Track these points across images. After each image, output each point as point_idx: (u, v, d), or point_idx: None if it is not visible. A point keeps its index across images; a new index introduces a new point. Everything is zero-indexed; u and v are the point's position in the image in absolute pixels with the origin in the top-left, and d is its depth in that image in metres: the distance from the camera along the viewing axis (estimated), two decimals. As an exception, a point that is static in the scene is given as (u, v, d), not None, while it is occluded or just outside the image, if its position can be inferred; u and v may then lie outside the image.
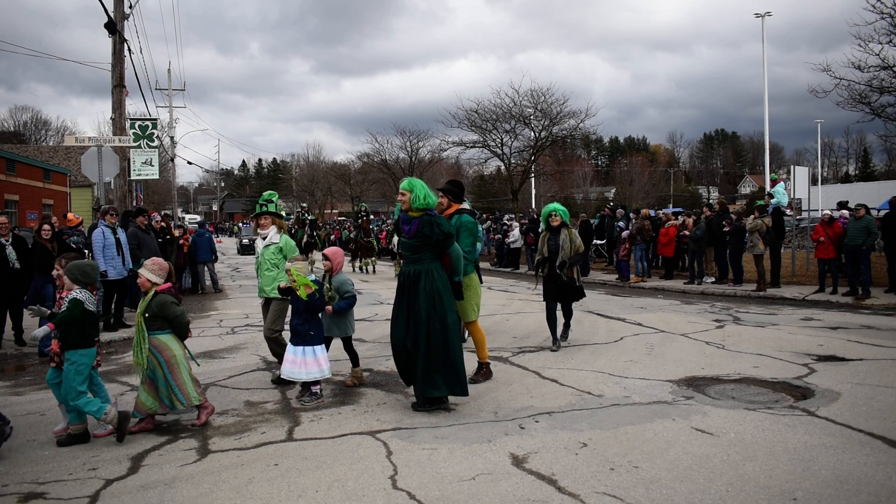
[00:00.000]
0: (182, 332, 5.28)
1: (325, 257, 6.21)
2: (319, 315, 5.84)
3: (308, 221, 21.74)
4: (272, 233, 6.59)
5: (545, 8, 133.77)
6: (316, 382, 5.77)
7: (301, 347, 5.66)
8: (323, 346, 5.79)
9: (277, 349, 6.48)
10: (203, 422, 5.17)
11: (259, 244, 6.67)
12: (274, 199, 6.72)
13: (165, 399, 5.04)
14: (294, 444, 4.72)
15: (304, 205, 26.13)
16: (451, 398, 5.74)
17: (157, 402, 5.06)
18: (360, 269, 21.81)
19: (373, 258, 21.78)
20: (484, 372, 6.42)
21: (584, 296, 8.06)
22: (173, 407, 5.05)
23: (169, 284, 5.24)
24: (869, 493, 3.66)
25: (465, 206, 6.39)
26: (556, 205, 8.17)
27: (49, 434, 4.98)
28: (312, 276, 5.83)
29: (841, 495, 3.63)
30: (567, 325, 8.27)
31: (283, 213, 7.08)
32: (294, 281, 5.62)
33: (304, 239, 20.92)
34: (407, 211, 5.43)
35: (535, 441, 4.63)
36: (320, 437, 4.84)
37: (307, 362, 5.63)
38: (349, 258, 21.86)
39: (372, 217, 28.04)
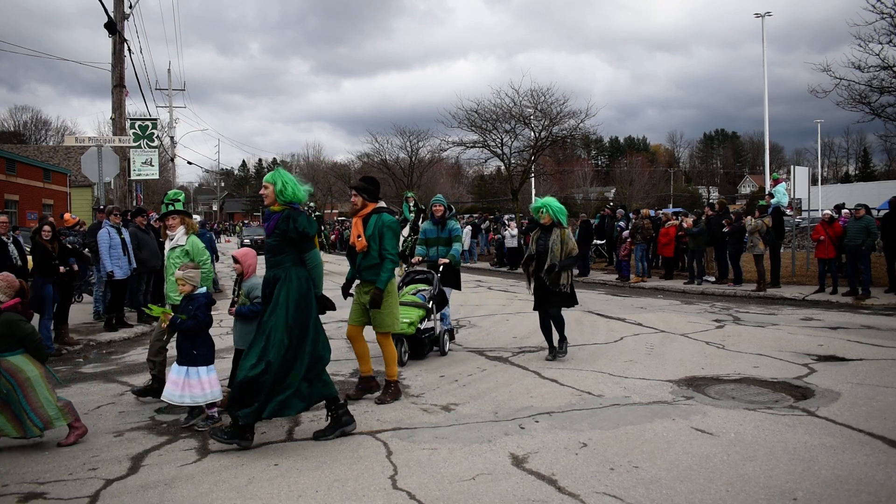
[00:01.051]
0: (37, 351, 4.81)
1: (235, 260, 5.50)
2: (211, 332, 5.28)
3: (315, 219, 21.30)
4: (179, 234, 6.01)
5: (545, 8, 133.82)
6: (212, 405, 5.15)
7: (185, 368, 5.08)
8: (211, 366, 5.19)
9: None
10: (71, 442, 4.73)
11: (167, 246, 6.09)
12: (181, 197, 6.23)
13: (24, 423, 4.64)
14: (294, 444, 4.72)
15: (312, 204, 25.07)
16: (456, 400, 5.74)
17: (14, 426, 4.64)
18: None
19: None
20: (392, 391, 5.74)
21: (577, 303, 7.42)
22: (29, 433, 4.65)
23: (16, 301, 4.85)
24: (869, 493, 3.66)
25: (382, 204, 5.88)
26: (548, 200, 7.37)
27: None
28: (204, 288, 5.37)
29: (841, 495, 3.63)
30: (562, 339, 7.40)
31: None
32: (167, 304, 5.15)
33: None
34: (270, 206, 4.81)
35: (535, 441, 4.63)
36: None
37: (190, 384, 5.04)
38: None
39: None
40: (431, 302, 7.58)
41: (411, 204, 16.27)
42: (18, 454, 4.59)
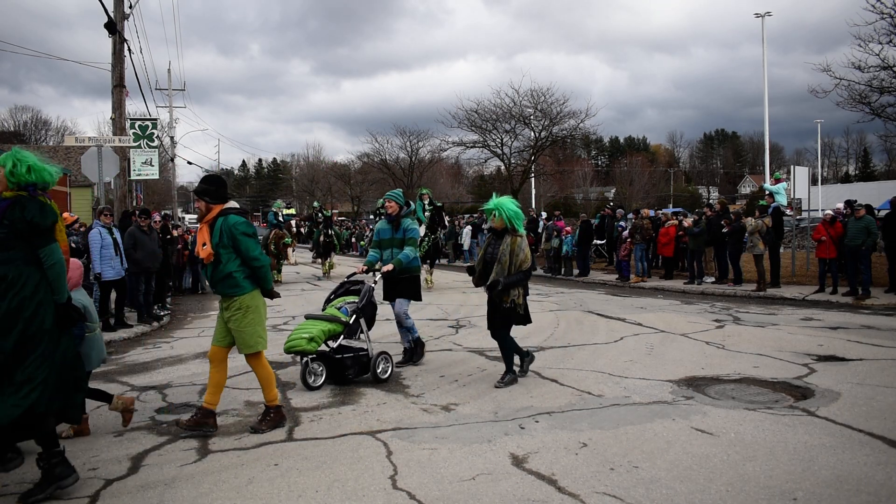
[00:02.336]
0: None
1: None
2: None
3: (323, 219, 20.00)
4: None
5: (544, 9, 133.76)
6: None
7: None
8: None
9: None
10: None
11: None
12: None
13: None
14: (294, 444, 4.72)
15: (317, 204, 23.82)
16: (456, 400, 5.74)
17: None
18: None
19: None
20: (271, 419, 5.05)
21: (530, 322, 6.29)
22: None
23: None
24: (869, 493, 3.66)
25: (232, 204, 5.11)
26: (502, 200, 6.07)
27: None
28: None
29: (841, 495, 3.63)
30: (508, 368, 6.26)
31: (284, 213, 6.74)
32: None
33: (322, 239, 19.55)
34: (2, 192, 3.90)
35: (535, 441, 4.63)
36: (320, 437, 4.84)
37: None
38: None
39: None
40: (355, 316, 6.47)
41: (426, 202, 15.35)
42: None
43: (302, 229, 33.92)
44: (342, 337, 6.40)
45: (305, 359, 6.18)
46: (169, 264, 13.71)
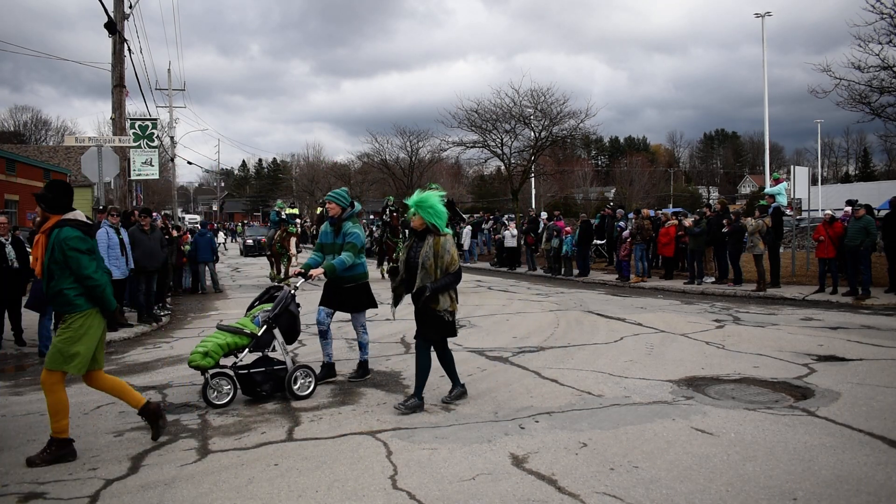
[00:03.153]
0: None
1: None
2: None
3: (387, 216, 17.63)
4: None
5: (543, 10, 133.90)
6: None
7: None
8: None
9: None
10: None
11: None
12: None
13: None
14: (294, 444, 4.72)
15: (391, 198, 19.88)
16: (462, 400, 5.73)
17: None
18: (383, 274, 17.77)
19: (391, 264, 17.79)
20: (50, 452, 4.41)
21: (455, 335, 5.61)
22: None
23: None
24: (869, 493, 3.66)
25: (75, 215, 4.67)
26: (423, 196, 5.44)
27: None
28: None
29: (841, 495, 3.63)
30: (453, 382, 5.74)
31: (288, 212, 6.42)
32: None
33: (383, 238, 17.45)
34: None
35: (535, 441, 4.63)
36: (320, 437, 4.84)
37: None
38: (374, 263, 18.22)
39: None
40: (265, 327, 5.87)
41: None
42: (18, 454, 4.58)
43: (308, 231, 33.76)
44: (246, 350, 5.80)
45: (206, 374, 5.64)
46: (169, 264, 13.70)
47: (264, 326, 5.87)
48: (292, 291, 6.18)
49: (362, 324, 6.70)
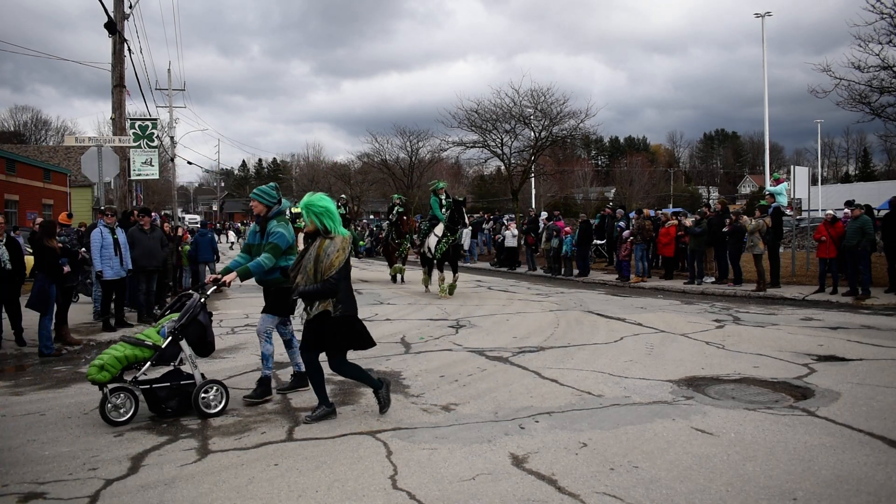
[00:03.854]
0: None
1: None
2: None
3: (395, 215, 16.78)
4: None
5: (543, 10, 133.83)
6: None
7: None
8: None
9: None
10: None
11: None
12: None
13: None
14: (294, 444, 4.72)
15: (399, 196, 18.89)
16: (456, 400, 5.73)
17: None
18: (393, 278, 17.38)
19: (399, 265, 17.33)
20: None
21: (367, 347, 5.24)
22: None
23: None
24: (869, 493, 3.66)
25: None
26: (310, 199, 5.06)
27: (49, 434, 4.98)
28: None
29: (841, 495, 3.63)
30: (320, 403, 5.29)
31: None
32: None
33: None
34: None
35: (535, 441, 4.63)
36: (320, 437, 4.84)
37: None
38: (374, 263, 17.47)
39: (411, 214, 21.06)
40: (170, 339, 5.45)
41: (442, 197, 13.93)
42: (18, 454, 4.59)
43: None
44: (148, 364, 5.40)
45: (104, 390, 5.23)
46: (169, 264, 13.69)
47: (170, 338, 5.45)
48: (202, 300, 5.71)
49: (267, 331, 5.99)
